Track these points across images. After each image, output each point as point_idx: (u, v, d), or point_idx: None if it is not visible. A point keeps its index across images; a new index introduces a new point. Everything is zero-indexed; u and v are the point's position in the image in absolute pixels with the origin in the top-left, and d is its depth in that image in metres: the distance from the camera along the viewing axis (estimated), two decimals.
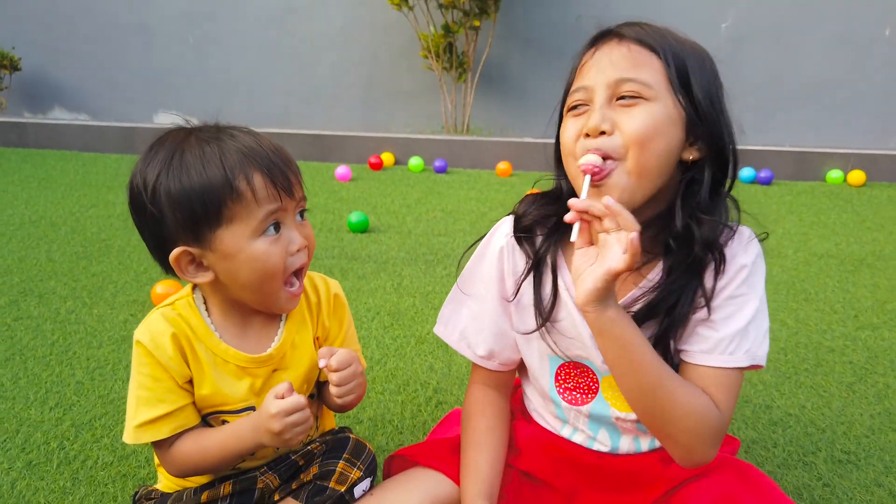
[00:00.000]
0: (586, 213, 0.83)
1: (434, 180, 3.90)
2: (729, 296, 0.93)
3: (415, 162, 4.18)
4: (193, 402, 0.98)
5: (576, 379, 1.06)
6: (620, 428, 1.06)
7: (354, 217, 2.86)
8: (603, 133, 0.86)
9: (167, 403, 0.95)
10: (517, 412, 1.23)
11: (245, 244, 0.90)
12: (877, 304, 2.18)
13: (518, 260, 1.03)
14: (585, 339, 1.00)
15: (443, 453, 1.10)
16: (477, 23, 4.34)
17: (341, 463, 1.04)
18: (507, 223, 1.05)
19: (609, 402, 1.05)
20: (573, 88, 0.91)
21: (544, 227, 1.01)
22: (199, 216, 0.89)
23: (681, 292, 0.91)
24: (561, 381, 1.07)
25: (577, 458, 1.10)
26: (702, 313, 0.93)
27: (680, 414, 0.87)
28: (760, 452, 1.41)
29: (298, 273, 0.97)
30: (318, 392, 1.14)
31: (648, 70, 0.87)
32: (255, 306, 0.98)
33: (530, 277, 1.02)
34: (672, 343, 0.94)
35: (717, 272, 0.91)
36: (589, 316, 0.85)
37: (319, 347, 1.08)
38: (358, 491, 1.05)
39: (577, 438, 1.09)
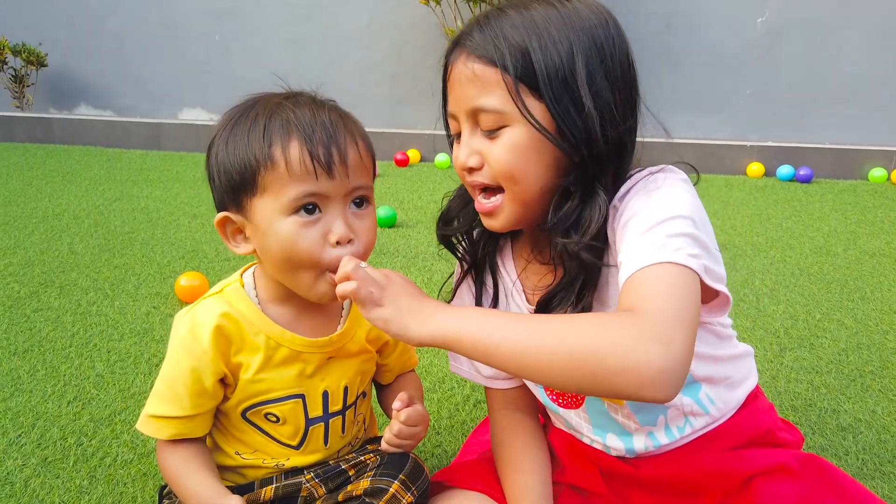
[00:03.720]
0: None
1: None
2: (633, 212, 0.78)
3: (441, 158, 4.10)
4: (217, 409, 0.93)
5: None
6: (622, 424, 0.96)
7: (382, 212, 2.77)
8: (473, 168, 0.83)
9: (178, 407, 0.88)
10: (550, 425, 1.13)
11: (275, 219, 0.82)
12: None
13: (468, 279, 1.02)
14: None
15: (484, 475, 1.02)
16: None
17: (396, 484, 0.92)
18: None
19: (600, 397, 0.95)
20: (446, 114, 0.87)
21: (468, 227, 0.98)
22: (236, 182, 0.83)
23: (573, 282, 0.84)
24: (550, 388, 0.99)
25: (610, 467, 1.00)
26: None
27: (583, 350, 0.67)
28: (832, 460, 1.28)
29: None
30: (376, 390, 1.07)
31: (496, 92, 0.79)
32: (292, 290, 0.89)
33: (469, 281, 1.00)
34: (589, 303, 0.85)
35: (601, 258, 0.83)
36: (424, 340, 0.75)
37: (372, 345, 1.01)
38: None
39: (596, 446, 1.00)
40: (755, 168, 3.89)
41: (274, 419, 0.93)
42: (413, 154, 4.24)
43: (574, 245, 0.81)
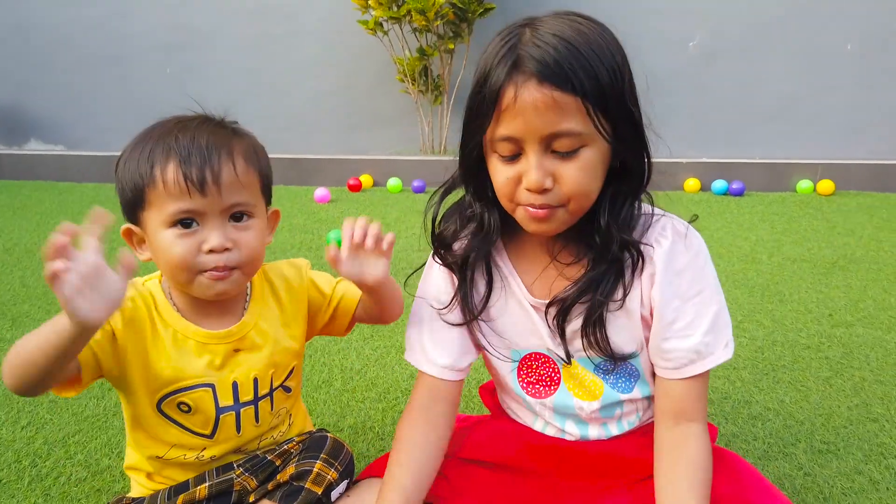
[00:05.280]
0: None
1: (413, 199, 3.92)
2: (684, 302, 0.95)
3: (393, 183, 4.20)
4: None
5: (538, 371, 1.08)
6: (586, 419, 1.07)
7: (333, 234, 2.86)
8: (547, 189, 0.87)
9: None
10: (494, 410, 1.24)
11: (158, 230, 0.94)
12: (850, 303, 2.21)
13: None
14: (540, 328, 1.03)
15: None
16: (451, 45, 4.40)
17: (318, 463, 1.03)
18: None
19: (572, 393, 1.07)
20: (499, 136, 0.87)
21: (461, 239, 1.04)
22: (130, 198, 0.96)
23: (600, 281, 0.95)
24: (524, 376, 1.09)
25: (549, 446, 1.10)
26: (656, 327, 0.96)
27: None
28: (741, 446, 1.41)
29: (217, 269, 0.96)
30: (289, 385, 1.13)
31: (576, 117, 0.84)
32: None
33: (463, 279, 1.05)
34: (598, 331, 0.97)
35: (635, 268, 0.95)
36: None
37: (311, 332, 1.15)
38: (334, 494, 1.04)
39: (550, 432, 1.10)
40: (692, 183, 4.10)
41: (186, 409, 1.01)
42: (366, 179, 4.34)
43: (622, 237, 0.92)
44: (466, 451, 1.14)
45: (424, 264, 1.11)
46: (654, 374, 1.01)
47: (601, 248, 0.93)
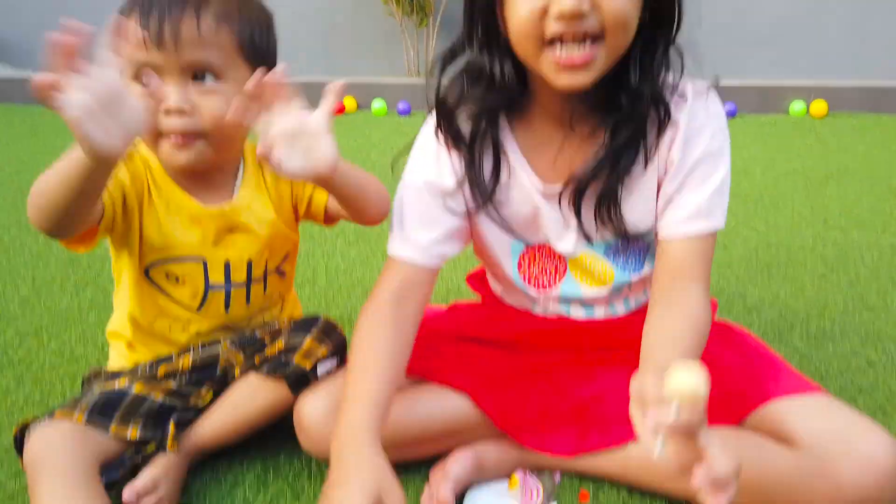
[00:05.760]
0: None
1: (398, 122, 3.80)
2: (702, 155, 0.89)
3: (378, 105, 4.08)
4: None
5: (541, 263, 1.01)
6: (594, 304, 1.02)
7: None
8: (582, 14, 0.76)
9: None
10: (485, 298, 1.19)
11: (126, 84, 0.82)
12: (844, 210, 2.18)
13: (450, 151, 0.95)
14: (548, 220, 0.96)
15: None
16: None
17: (309, 339, 0.97)
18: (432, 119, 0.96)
19: (579, 282, 1.01)
20: None
21: (469, 109, 0.92)
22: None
23: (625, 147, 0.87)
24: (525, 268, 1.02)
25: (552, 327, 1.06)
26: (668, 184, 0.90)
27: None
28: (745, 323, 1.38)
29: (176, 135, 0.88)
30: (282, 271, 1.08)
31: None
32: None
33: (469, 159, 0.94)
34: (613, 207, 0.90)
35: (661, 128, 0.88)
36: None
37: (300, 214, 1.05)
38: (321, 370, 0.98)
39: (551, 314, 1.05)
40: None
41: (174, 280, 0.96)
42: (349, 102, 4.21)
43: (654, 91, 0.84)
44: (461, 329, 1.09)
45: (413, 143, 1.00)
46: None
47: (629, 108, 0.85)
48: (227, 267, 0.98)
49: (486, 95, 0.89)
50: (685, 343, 0.83)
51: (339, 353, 0.99)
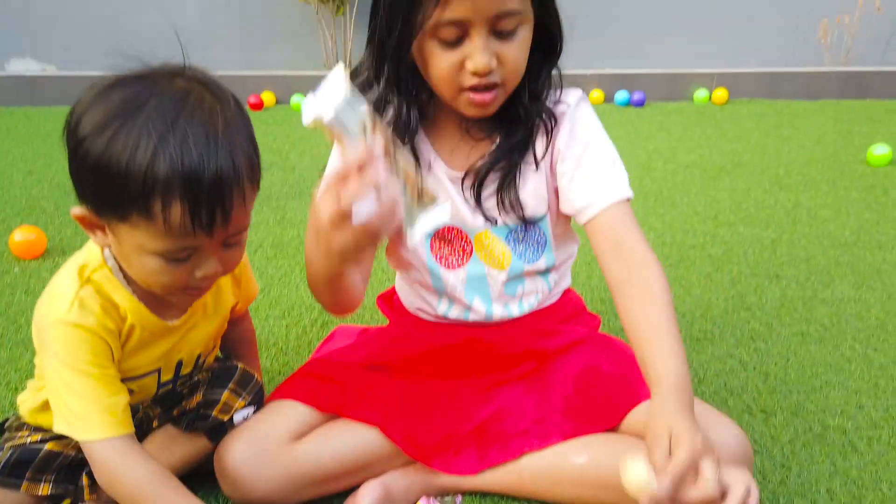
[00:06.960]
0: None
1: None
2: (586, 143, 1.04)
3: (297, 100, 4.06)
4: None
5: (451, 244, 1.13)
6: (493, 291, 1.13)
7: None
8: (490, 71, 0.91)
9: (123, 392, 0.89)
10: (392, 318, 1.28)
11: (137, 251, 0.81)
12: (734, 204, 2.36)
13: None
14: (457, 201, 1.08)
15: (305, 385, 1.09)
16: None
17: (226, 392, 1.01)
18: None
19: (484, 262, 1.12)
20: (446, 20, 0.88)
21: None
22: (104, 198, 0.79)
23: (513, 148, 1.03)
24: (437, 250, 1.13)
25: (450, 344, 1.14)
26: (564, 173, 1.04)
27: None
28: (624, 338, 1.50)
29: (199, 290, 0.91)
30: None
31: None
32: None
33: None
34: (511, 192, 1.04)
35: (549, 131, 1.03)
36: None
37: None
38: (238, 418, 1.02)
39: (454, 313, 1.15)
40: (596, 95, 4.17)
41: (128, 392, 0.94)
42: (267, 97, 4.16)
43: (542, 107, 1.01)
44: (370, 357, 1.16)
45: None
46: (563, 243, 1.13)
47: (523, 119, 1.01)
48: (178, 365, 1.00)
49: (398, 117, 1.02)
50: (663, 326, 0.95)
51: (258, 401, 1.04)
